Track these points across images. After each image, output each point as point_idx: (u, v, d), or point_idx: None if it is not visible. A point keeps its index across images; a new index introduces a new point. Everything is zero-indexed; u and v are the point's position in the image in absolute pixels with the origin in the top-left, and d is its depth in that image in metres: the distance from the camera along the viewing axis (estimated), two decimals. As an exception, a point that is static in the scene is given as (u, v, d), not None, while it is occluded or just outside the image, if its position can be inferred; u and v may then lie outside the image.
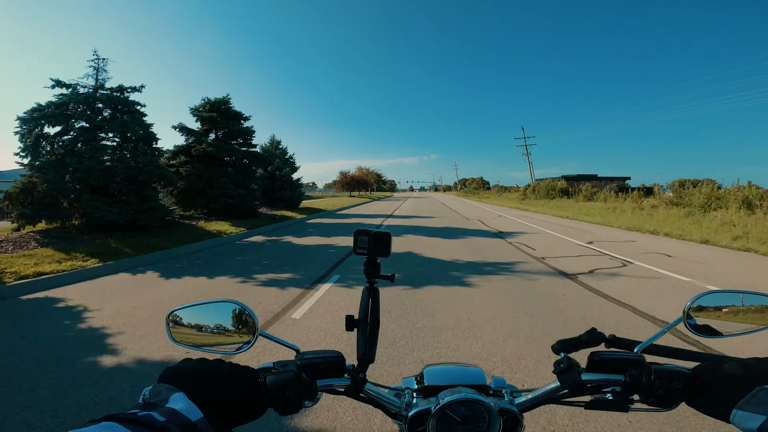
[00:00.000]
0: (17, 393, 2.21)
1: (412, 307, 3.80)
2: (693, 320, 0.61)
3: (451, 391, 0.59)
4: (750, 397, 0.44)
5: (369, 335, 0.62)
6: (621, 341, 0.63)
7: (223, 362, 0.53)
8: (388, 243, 0.64)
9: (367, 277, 0.65)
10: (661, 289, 4.63)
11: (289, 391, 0.53)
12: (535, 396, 0.61)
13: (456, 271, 5.58)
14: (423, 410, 0.58)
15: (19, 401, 2.12)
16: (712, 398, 0.49)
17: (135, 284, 4.96)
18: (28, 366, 2.57)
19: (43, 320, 3.53)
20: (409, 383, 0.69)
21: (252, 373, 0.54)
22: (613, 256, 6.96)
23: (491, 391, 0.65)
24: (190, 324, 0.59)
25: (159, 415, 0.39)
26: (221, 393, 0.48)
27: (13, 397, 2.17)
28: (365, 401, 0.62)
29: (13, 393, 2.22)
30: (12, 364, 2.61)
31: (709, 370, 0.51)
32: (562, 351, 0.61)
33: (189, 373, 0.49)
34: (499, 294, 4.35)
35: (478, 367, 0.71)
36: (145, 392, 0.46)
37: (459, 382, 0.64)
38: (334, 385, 0.59)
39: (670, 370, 0.53)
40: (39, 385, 2.30)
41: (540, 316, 3.59)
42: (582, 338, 0.62)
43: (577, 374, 0.56)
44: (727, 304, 0.62)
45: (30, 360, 2.67)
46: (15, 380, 2.37)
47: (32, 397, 2.17)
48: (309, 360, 0.57)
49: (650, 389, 0.52)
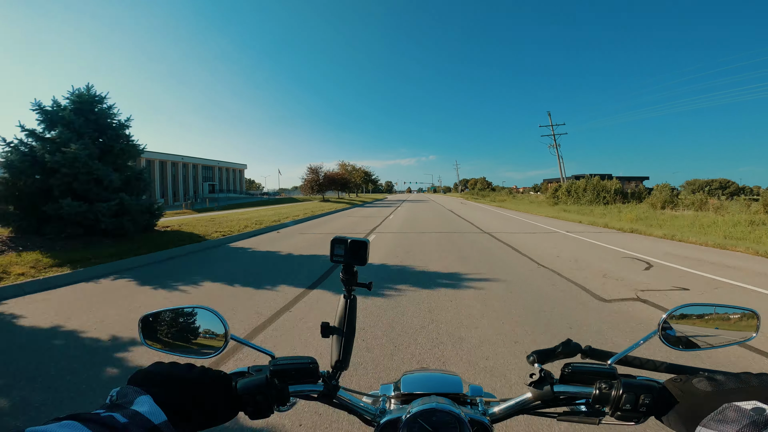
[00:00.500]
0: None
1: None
2: (671, 332, 0.61)
3: (425, 400, 0.59)
4: (716, 414, 0.43)
5: (344, 343, 0.62)
6: (596, 353, 0.62)
7: (194, 366, 0.53)
8: (365, 251, 0.64)
9: (345, 285, 0.66)
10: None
11: (259, 396, 0.53)
12: (508, 406, 0.60)
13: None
14: (394, 418, 0.58)
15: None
16: (680, 414, 0.48)
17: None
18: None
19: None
20: (387, 390, 0.69)
21: (224, 377, 0.54)
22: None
23: (468, 399, 0.65)
24: (163, 328, 0.59)
25: (121, 417, 0.40)
26: (189, 396, 0.49)
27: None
28: (339, 407, 0.62)
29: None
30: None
31: (678, 385, 0.50)
32: (537, 362, 0.61)
33: (158, 376, 0.49)
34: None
35: (456, 375, 0.71)
36: (113, 393, 0.46)
37: (435, 390, 0.64)
38: (307, 391, 0.59)
39: (639, 384, 0.52)
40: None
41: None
42: (557, 349, 0.62)
43: (549, 386, 0.56)
44: (704, 317, 0.62)
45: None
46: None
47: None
48: (282, 365, 0.57)
49: (618, 403, 0.51)
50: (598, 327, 3.30)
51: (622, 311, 3.73)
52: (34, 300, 4.41)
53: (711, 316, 0.62)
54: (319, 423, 1.93)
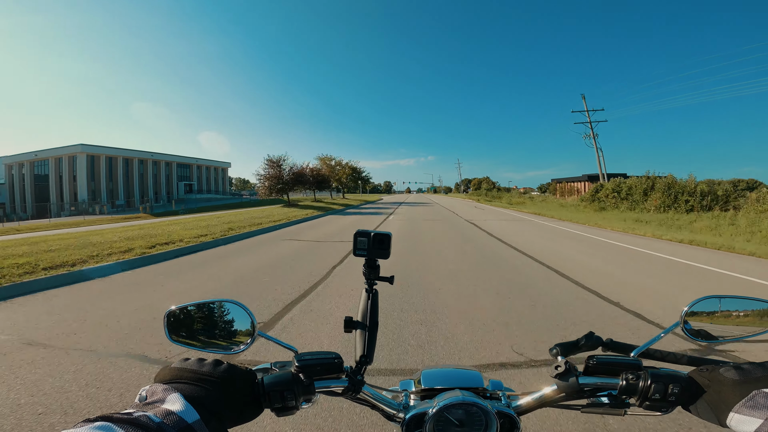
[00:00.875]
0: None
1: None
2: (689, 325, 0.62)
3: (449, 394, 0.59)
4: (747, 400, 0.44)
5: (368, 337, 0.62)
6: (618, 345, 0.63)
7: (221, 362, 0.52)
8: (387, 244, 0.64)
9: (367, 278, 0.65)
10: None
11: (286, 392, 0.53)
12: (533, 398, 0.61)
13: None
14: (420, 412, 0.58)
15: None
16: (709, 402, 0.49)
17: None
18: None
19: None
20: (407, 385, 0.69)
21: (249, 373, 0.54)
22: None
23: (488, 393, 0.65)
24: (188, 323, 0.59)
25: (155, 416, 0.39)
26: (218, 394, 0.48)
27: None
28: (363, 403, 0.62)
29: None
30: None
31: (705, 375, 0.51)
32: (560, 355, 0.61)
33: (186, 373, 0.49)
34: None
35: (476, 370, 0.71)
36: (142, 392, 0.45)
37: (456, 384, 0.64)
38: (332, 387, 0.59)
39: (666, 374, 0.53)
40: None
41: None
42: (580, 342, 0.62)
43: (574, 378, 0.56)
44: (724, 309, 0.63)
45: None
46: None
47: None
48: (307, 361, 0.57)
49: (647, 393, 0.52)
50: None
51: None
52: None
53: (732, 309, 0.62)
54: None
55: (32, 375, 2.44)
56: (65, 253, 6.51)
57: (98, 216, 28.92)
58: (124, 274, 5.74)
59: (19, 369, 2.53)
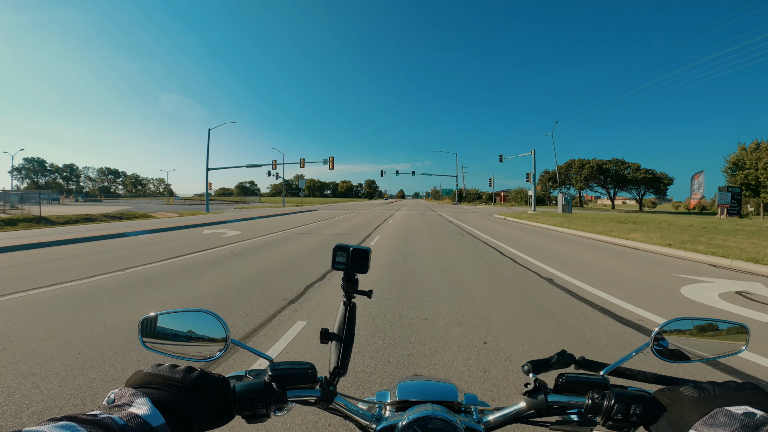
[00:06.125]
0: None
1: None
2: (664, 342, 0.63)
3: (421, 407, 0.60)
4: (707, 418, 0.44)
5: (343, 349, 0.63)
6: (590, 363, 0.64)
7: (193, 369, 0.53)
8: (366, 259, 0.66)
9: (345, 292, 0.66)
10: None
11: (257, 400, 0.54)
12: (502, 415, 0.61)
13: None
14: (390, 425, 0.58)
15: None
16: (669, 421, 0.49)
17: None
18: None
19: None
20: (383, 396, 0.70)
21: (222, 380, 0.54)
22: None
23: (463, 407, 0.65)
24: (163, 331, 0.59)
25: (119, 419, 0.40)
26: (187, 399, 0.49)
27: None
28: (336, 413, 0.63)
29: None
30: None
31: (666, 394, 0.52)
32: (532, 372, 0.62)
33: (157, 379, 0.50)
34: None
35: (451, 383, 0.72)
36: (110, 395, 0.46)
37: (431, 397, 0.65)
38: (305, 396, 0.60)
39: (630, 394, 0.53)
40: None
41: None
42: (552, 359, 0.63)
43: (543, 396, 0.57)
44: (696, 330, 0.63)
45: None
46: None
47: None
48: (281, 370, 0.58)
49: (610, 412, 0.53)
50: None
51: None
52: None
53: (702, 330, 0.63)
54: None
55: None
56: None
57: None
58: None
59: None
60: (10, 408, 2.11)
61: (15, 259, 7.36)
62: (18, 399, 2.19)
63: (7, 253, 8.19)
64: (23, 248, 8.72)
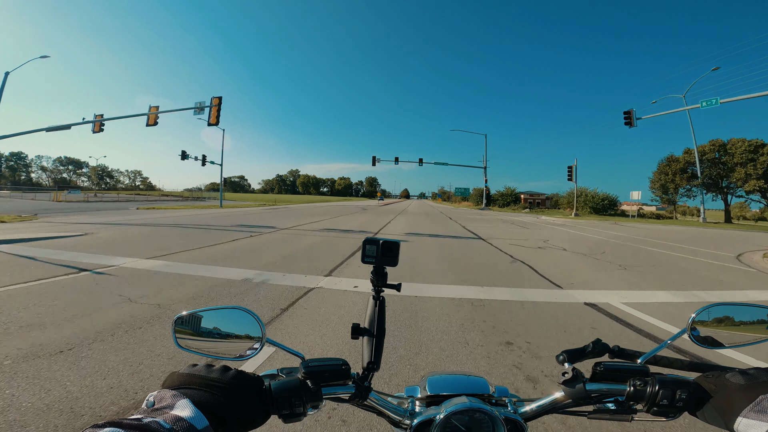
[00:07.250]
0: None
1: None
2: (696, 332, 0.62)
3: (456, 400, 0.59)
4: (754, 405, 0.44)
5: (375, 344, 0.62)
6: (624, 352, 0.63)
7: (229, 368, 0.52)
8: (396, 252, 0.65)
9: (374, 286, 0.66)
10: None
11: (294, 399, 0.53)
12: (539, 405, 0.61)
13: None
14: (427, 419, 0.58)
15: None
16: (716, 407, 0.49)
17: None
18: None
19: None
20: (413, 392, 0.69)
21: (257, 379, 0.54)
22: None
23: (494, 400, 0.65)
24: (197, 330, 0.58)
25: (165, 422, 0.39)
26: (226, 400, 0.48)
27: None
28: (369, 409, 0.62)
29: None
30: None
31: (711, 380, 0.52)
32: (567, 361, 0.61)
33: (194, 379, 0.49)
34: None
35: (481, 377, 0.71)
36: (150, 397, 0.45)
37: (462, 391, 0.64)
38: (339, 393, 0.59)
39: (674, 380, 0.53)
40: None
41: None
42: (587, 349, 0.62)
43: (582, 384, 0.56)
44: (730, 317, 0.63)
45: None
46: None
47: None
48: (314, 367, 0.57)
49: (654, 399, 0.52)
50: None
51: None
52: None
53: (738, 316, 0.63)
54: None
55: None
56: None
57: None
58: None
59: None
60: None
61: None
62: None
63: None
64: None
